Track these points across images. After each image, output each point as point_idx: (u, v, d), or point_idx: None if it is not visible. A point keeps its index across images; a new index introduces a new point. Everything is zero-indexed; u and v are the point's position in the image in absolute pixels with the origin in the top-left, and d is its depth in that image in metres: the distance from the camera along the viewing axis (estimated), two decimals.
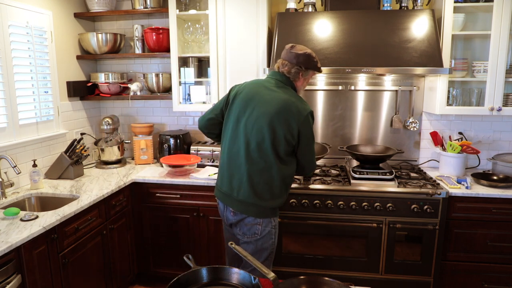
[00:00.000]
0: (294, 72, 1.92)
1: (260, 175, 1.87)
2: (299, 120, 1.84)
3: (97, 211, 2.24)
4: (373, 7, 2.58)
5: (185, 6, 2.82)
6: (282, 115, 1.83)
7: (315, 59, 1.93)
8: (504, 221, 2.31)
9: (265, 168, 1.86)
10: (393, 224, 2.36)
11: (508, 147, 2.81)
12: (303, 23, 2.52)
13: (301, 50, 1.91)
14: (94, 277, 2.23)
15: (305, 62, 1.90)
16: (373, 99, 2.89)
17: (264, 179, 1.87)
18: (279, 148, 1.85)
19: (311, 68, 1.93)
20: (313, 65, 1.92)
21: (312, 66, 1.92)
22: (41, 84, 2.55)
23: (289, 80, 1.95)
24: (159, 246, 2.73)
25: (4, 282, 1.57)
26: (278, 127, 1.83)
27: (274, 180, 1.88)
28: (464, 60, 2.62)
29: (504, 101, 2.50)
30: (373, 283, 2.43)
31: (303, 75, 1.94)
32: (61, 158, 2.59)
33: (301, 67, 1.91)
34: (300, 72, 1.92)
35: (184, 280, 1.18)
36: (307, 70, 1.93)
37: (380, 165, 2.63)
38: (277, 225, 2.00)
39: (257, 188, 1.87)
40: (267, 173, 1.87)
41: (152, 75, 2.98)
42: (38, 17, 2.52)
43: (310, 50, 1.93)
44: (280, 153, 1.86)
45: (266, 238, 1.93)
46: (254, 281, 1.15)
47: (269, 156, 1.85)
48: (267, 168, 1.86)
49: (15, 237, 1.65)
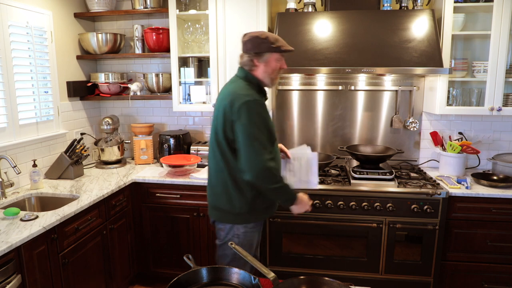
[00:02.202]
0: (246, 61, 1.76)
1: (216, 176, 1.80)
2: (233, 112, 1.65)
3: (97, 211, 2.24)
4: (373, 7, 2.58)
5: (185, 6, 2.82)
6: (221, 109, 1.70)
7: (269, 38, 1.70)
8: (504, 221, 2.31)
9: (219, 169, 1.77)
10: (393, 224, 2.36)
11: (508, 147, 2.81)
12: (303, 23, 2.52)
13: (248, 36, 1.75)
14: (94, 277, 2.23)
15: (254, 46, 1.72)
16: (373, 99, 2.89)
17: (220, 180, 1.78)
18: (223, 147, 1.72)
19: (265, 50, 1.71)
20: (266, 46, 1.70)
21: (265, 48, 1.70)
22: (41, 84, 2.55)
23: (244, 71, 1.78)
24: (159, 246, 2.73)
25: (4, 282, 1.57)
26: (220, 124, 1.71)
27: (227, 182, 1.76)
28: (464, 60, 2.62)
29: (504, 101, 2.50)
30: (373, 283, 2.43)
31: (259, 60, 1.74)
32: (61, 158, 2.59)
33: (251, 53, 1.73)
34: (253, 59, 1.74)
35: (184, 280, 1.18)
36: (261, 55, 1.72)
37: (380, 165, 2.63)
38: (244, 235, 1.82)
39: (216, 190, 1.82)
40: (221, 174, 1.77)
41: (152, 75, 2.98)
42: (38, 17, 2.52)
43: (262, 32, 1.74)
44: (226, 152, 1.73)
45: (226, 245, 1.79)
46: (254, 281, 1.15)
47: (218, 155, 1.75)
48: (220, 169, 1.77)
49: (15, 237, 1.65)
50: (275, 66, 1.77)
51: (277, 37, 1.75)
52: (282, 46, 1.74)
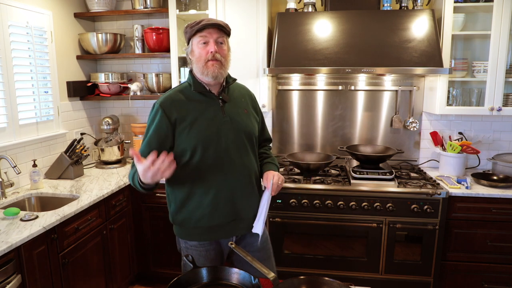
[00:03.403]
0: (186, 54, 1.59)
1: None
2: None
3: (97, 211, 2.24)
4: (373, 7, 2.57)
5: (185, 6, 2.82)
6: None
7: (188, 24, 1.53)
8: (504, 221, 2.31)
9: None
10: (393, 224, 2.36)
11: (508, 147, 2.81)
12: (303, 23, 2.52)
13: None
14: (94, 277, 2.23)
15: (185, 36, 1.58)
16: (373, 99, 2.89)
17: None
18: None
19: (188, 35, 1.54)
20: (187, 31, 1.54)
21: (188, 32, 1.54)
22: (41, 84, 2.55)
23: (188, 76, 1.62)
24: (159, 246, 2.73)
25: (4, 282, 1.57)
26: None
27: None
28: (464, 60, 2.62)
29: (504, 101, 2.50)
30: (373, 283, 2.43)
31: (188, 49, 1.57)
32: (61, 158, 2.59)
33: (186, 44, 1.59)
34: (186, 50, 1.58)
35: (184, 280, 1.18)
36: (189, 42, 1.56)
37: (380, 165, 2.63)
38: (187, 250, 1.63)
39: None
40: None
41: (152, 75, 2.98)
42: (38, 17, 2.52)
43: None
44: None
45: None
46: (254, 281, 1.15)
47: None
48: None
49: (15, 237, 1.65)
50: (199, 53, 1.50)
51: (199, 20, 1.50)
52: (194, 25, 1.49)
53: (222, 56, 1.51)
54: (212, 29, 1.49)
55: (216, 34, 1.50)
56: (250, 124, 1.65)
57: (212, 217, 1.56)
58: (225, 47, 1.55)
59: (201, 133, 1.51)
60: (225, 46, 1.55)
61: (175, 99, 1.54)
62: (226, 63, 1.54)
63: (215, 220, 1.57)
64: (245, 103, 1.68)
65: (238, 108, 1.62)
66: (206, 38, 1.50)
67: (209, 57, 1.48)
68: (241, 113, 1.62)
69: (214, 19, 1.52)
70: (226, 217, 1.58)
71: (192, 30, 1.50)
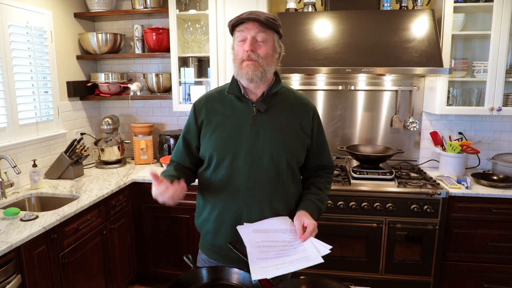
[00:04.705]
0: None
1: None
2: None
3: (97, 211, 2.24)
4: (373, 7, 2.57)
5: (185, 6, 2.82)
6: None
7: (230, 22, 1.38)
8: (504, 221, 2.31)
9: None
10: (393, 224, 2.36)
11: (508, 147, 2.81)
12: (303, 23, 2.52)
13: None
14: (94, 277, 2.23)
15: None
16: (373, 99, 2.89)
17: None
18: None
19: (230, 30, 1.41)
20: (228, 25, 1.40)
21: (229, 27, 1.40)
22: (41, 84, 2.55)
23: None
24: (159, 246, 2.73)
25: (4, 282, 1.57)
26: None
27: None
28: (464, 60, 2.62)
29: (504, 101, 2.50)
30: (373, 283, 2.43)
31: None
32: (61, 158, 2.59)
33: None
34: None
35: (184, 280, 1.18)
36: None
37: (380, 165, 2.63)
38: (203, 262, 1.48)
39: None
40: None
41: (152, 75, 2.98)
42: (38, 17, 2.52)
43: None
44: None
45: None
46: (254, 281, 1.14)
47: None
48: None
49: (15, 237, 1.65)
50: (236, 51, 1.35)
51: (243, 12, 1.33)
52: (233, 18, 1.33)
53: (260, 55, 1.29)
54: (250, 23, 1.28)
55: (255, 30, 1.28)
56: (288, 143, 1.36)
57: (215, 236, 1.40)
58: (268, 44, 1.31)
59: (221, 141, 1.34)
60: (268, 43, 1.31)
61: (209, 99, 1.42)
62: (266, 64, 1.31)
63: (217, 241, 1.39)
64: (291, 116, 1.38)
65: (276, 121, 1.36)
66: (243, 34, 1.30)
67: (244, 57, 1.29)
68: (280, 128, 1.35)
69: (256, 12, 1.29)
70: (226, 242, 1.34)
71: (230, 25, 1.34)
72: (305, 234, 1.25)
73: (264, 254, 1.19)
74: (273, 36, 1.34)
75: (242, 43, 1.31)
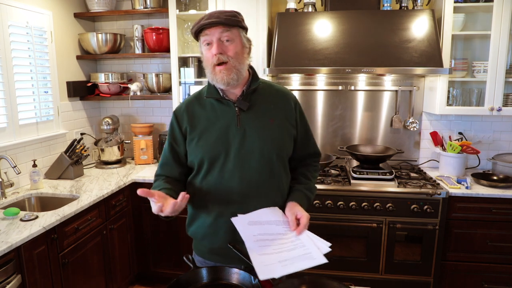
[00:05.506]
0: None
1: None
2: None
3: (97, 211, 2.24)
4: (373, 7, 2.57)
5: (185, 6, 2.82)
6: None
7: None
8: (504, 221, 2.31)
9: None
10: (393, 224, 2.36)
11: (508, 147, 2.81)
12: (303, 23, 2.52)
13: None
14: (94, 277, 2.23)
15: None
16: (373, 99, 2.89)
17: None
18: None
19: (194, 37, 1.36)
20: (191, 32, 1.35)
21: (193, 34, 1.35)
22: (41, 84, 2.55)
23: None
24: (159, 246, 2.73)
25: (4, 282, 1.57)
26: None
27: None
28: (464, 60, 2.62)
29: (504, 101, 2.50)
30: (373, 283, 2.43)
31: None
32: (61, 158, 2.59)
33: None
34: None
35: (184, 280, 1.18)
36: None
37: (380, 165, 2.63)
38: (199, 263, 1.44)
39: None
40: None
41: (152, 75, 2.98)
42: (38, 17, 2.52)
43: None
44: None
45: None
46: (254, 281, 1.14)
47: None
48: None
49: (15, 237, 1.65)
50: (205, 57, 1.32)
51: (203, 16, 1.29)
52: (194, 25, 1.29)
53: (230, 56, 1.27)
54: (213, 28, 1.25)
55: (218, 32, 1.25)
56: (276, 137, 1.35)
57: (212, 241, 1.38)
58: (235, 43, 1.28)
59: (208, 146, 1.32)
60: (235, 41, 1.28)
61: (189, 105, 1.39)
62: (238, 63, 1.29)
63: (215, 244, 1.38)
64: (274, 110, 1.38)
65: (261, 118, 1.35)
66: (208, 37, 1.27)
67: (214, 61, 1.27)
68: (265, 124, 1.34)
69: (215, 13, 1.26)
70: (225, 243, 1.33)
71: (193, 32, 1.31)
72: (300, 227, 1.25)
73: (263, 249, 1.19)
74: (238, 32, 1.30)
75: (209, 47, 1.28)
